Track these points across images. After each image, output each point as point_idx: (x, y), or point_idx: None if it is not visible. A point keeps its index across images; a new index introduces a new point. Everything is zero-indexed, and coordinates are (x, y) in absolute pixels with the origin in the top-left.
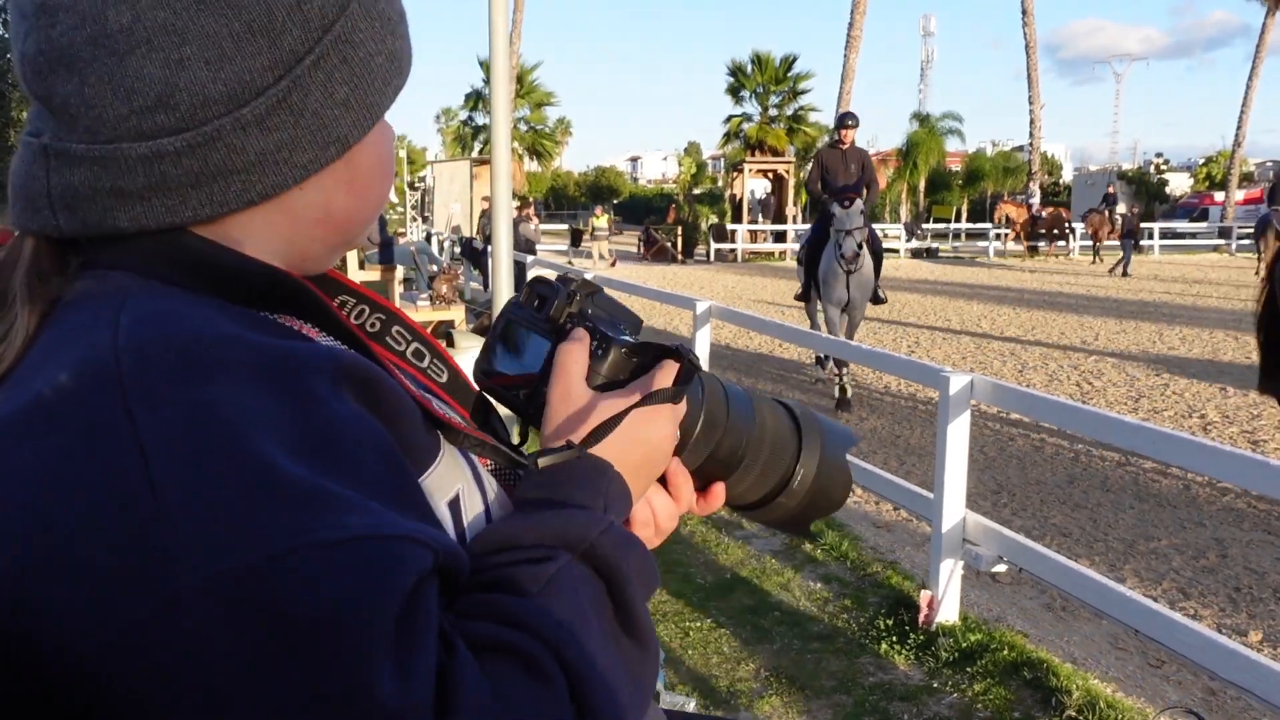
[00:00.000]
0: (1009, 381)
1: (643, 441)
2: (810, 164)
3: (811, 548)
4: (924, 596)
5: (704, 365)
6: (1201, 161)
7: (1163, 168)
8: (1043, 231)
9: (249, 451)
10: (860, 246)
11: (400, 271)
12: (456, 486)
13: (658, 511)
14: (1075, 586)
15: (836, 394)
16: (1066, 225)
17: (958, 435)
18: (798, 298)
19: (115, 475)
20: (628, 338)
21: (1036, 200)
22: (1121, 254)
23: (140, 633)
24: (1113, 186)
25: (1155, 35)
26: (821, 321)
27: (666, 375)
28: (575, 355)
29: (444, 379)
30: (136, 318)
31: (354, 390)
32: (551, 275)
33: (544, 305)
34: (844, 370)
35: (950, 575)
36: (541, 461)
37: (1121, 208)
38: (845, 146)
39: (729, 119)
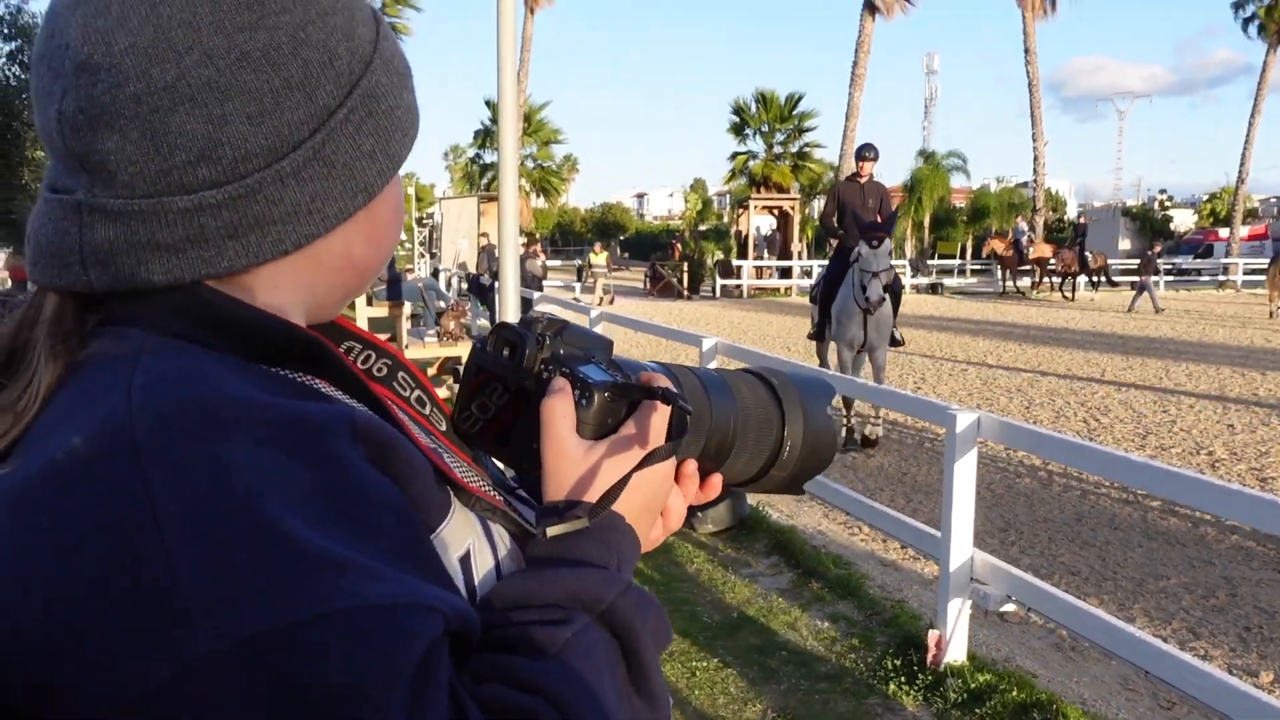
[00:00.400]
0: (1016, 419)
1: (645, 484)
2: (826, 197)
3: (818, 586)
4: (932, 636)
5: None
6: (1205, 198)
7: (1167, 204)
8: (1027, 269)
9: (265, 517)
10: (885, 291)
11: (408, 307)
12: (467, 542)
13: (668, 512)
14: (1084, 626)
15: (842, 435)
16: (1050, 261)
17: (965, 473)
18: (811, 336)
19: (129, 542)
20: (607, 377)
21: (1025, 236)
22: (1137, 292)
23: (156, 699)
24: (1084, 218)
25: (1159, 73)
26: (833, 362)
27: (657, 418)
28: (561, 409)
29: (444, 427)
30: (152, 379)
31: (369, 451)
32: (514, 320)
33: (515, 353)
34: (851, 411)
35: (958, 615)
36: (550, 531)
37: (1125, 244)
38: (864, 179)
39: (734, 156)
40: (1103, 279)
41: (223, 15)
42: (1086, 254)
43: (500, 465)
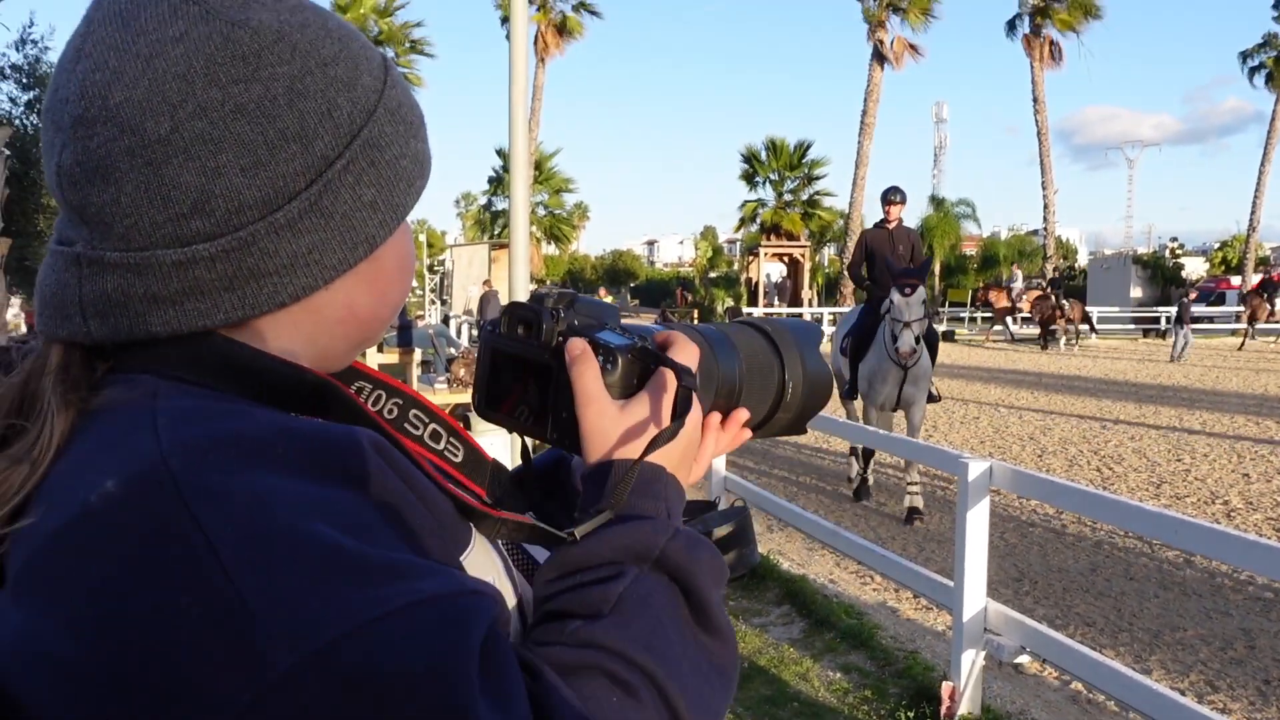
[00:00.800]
0: (1028, 467)
1: (683, 436)
2: (854, 246)
3: (830, 636)
4: (945, 688)
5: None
6: (1217, 246)
7: (1178, 252)
8: (1024, 317)
9: (313, 533)
10: (918, 341)
11: (418, 354)
12: (489, 578)
13: (700, 460)
14: (1100, 678)
15: (855, 479)
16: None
17: (977, 522)
18: (846, 396)
19: (192, 573)
20: (626, 341)
21: (1019, 285)
22: (1174, 340)
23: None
24: (1058, 270)
25: (1169, 122)
26: (864, 423)
27: (669, 385)
28: (591, 374)
29: (459, 458)
30: (174, 418)
31: (389, 465)
32: (524, 298)
33: (532, 330)
34: (870, 463)
35: (972, 666)
36: (579, 531)
37: (1137, 292)
38: (892, 225)
39: (744, 204)
40: (1083, 329)
41: (217, 68)
42: (1064, 303)
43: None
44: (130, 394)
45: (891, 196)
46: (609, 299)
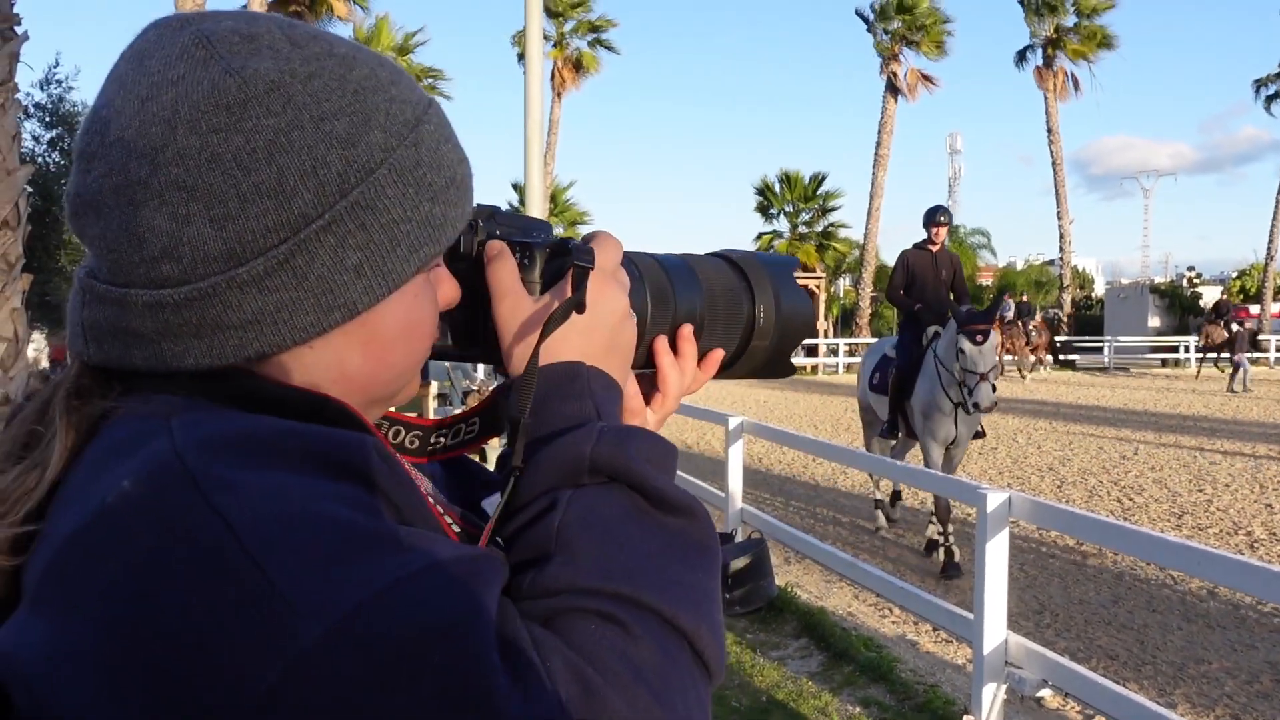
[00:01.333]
0: (1048, 498)
1: (599, 324)
2: (895, 268)
3: (849, 670)
4: None
5: (739, 481)
6: (1234, 275)
7: (1195, 281)
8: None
9: (326, 512)
10: (994, 391)
11: (434, 387)
12: None
13: (666, 389)
14: (1124, 712)
15: (941, 557)
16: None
17: (997, 554)
18: (884, 434)
19: (215, 558)
20: (541, 239)
21: (1010, 315)
22: (1233, 370)
23: (281, 695)
24: (1025, 295)
25: (1185, 151)
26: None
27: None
28: (507, 269)
29: (478, 428)
30: (189, 422)
31: (394, 474)
32: None
33: (452, 247)
34: (948, 528)
35: (993, 700)
36: (518, 460)
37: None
38: (936, 248)
39: (759, 236)
40: (1048, 359)
41: (199, 115)
42: (1030, 333)
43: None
44: (144, 406)
45: (939, 217)
46: None
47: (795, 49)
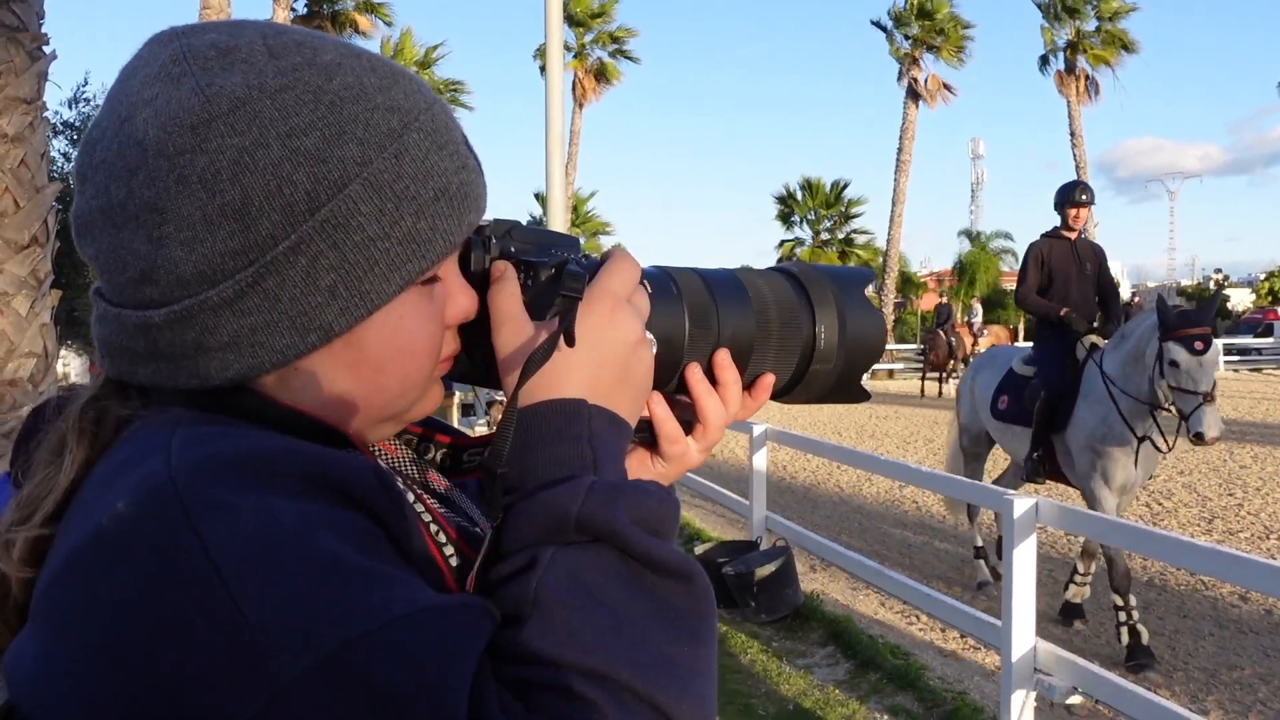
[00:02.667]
0: (1075, 504)
1: (608, 355)
2: (1023, 263)
3: (876, 677)
4: None
5: (763, 489)
6: (1263, 277)
7: (1223, 283)
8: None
9: (316, 547)
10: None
11: (459, 397)
12: None
13: (707, 422)
14: (1156, 719)
15: (1125, 639)
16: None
17: (1024, 560)
18: (1028, 477)
19: (194, 590)
20: (551, 258)
21: (979, 320)
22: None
23: None
24: (945, 296)
25: (1214, 152)
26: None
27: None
28: (508, 291)
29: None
30: (187, 441)
31: (390, 498)
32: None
33: (464, 264)
34: (1130, 601)
35: (1022, 707)
36: (496, 513)
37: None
38: (1074, 235)
39: (781, 244)
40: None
41: (166, 137)
42: (951, 340)
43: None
44: (155, 422)
45: (1078, 195)
46: None
47: (815, 57)
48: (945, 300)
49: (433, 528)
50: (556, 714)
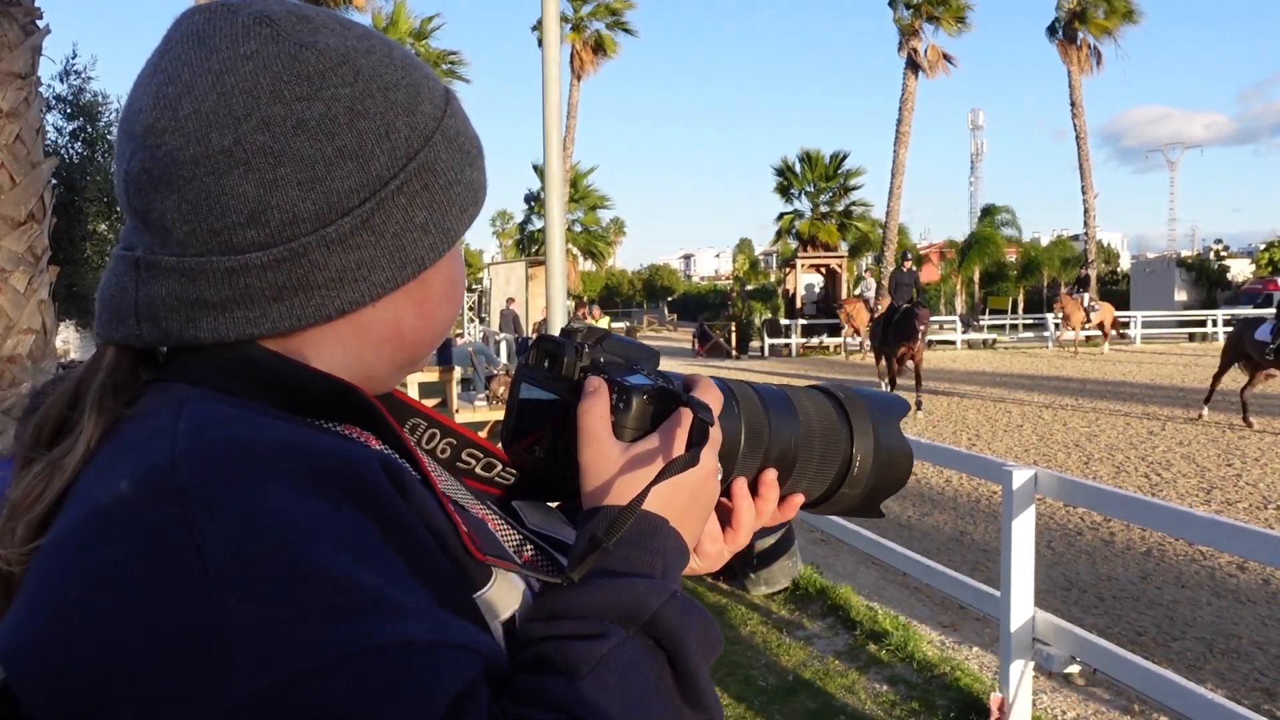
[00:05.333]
0: (1074, 475)
1: (684, 486)
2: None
3: (876, 648)
4: (994, 699)
5: None
6: (1263, 247)
7: (1223, 254)
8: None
9: (306, 558)
10: None
11: (458, 372)
12: (512, 609)
13: (738, 525)
14: (1154, 688)
15: None
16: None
17: (1023, 531)
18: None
19: (175, 587)
20: (646, 381)
21: (872, 294)
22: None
23: None
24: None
25: (1221, 121)
26: None
27: (684, 423)
28: (597, 412)
29: (512, 482)
30: (194, 425)
31: (401, 494)
32: (556, 332)
33: (555, 364)
34: None
35: (1021, 676)
36: (575, 574)
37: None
38: None
39: (780, 216)
40: (1110, 334)
41: (282, 85)
42: (1089, 308)
43: (544, 522)
44: (163, 399)
45: None
46: (604, 318)
47: (815, 28)
48: (1087, 273)
49: (442, 483)
50: None
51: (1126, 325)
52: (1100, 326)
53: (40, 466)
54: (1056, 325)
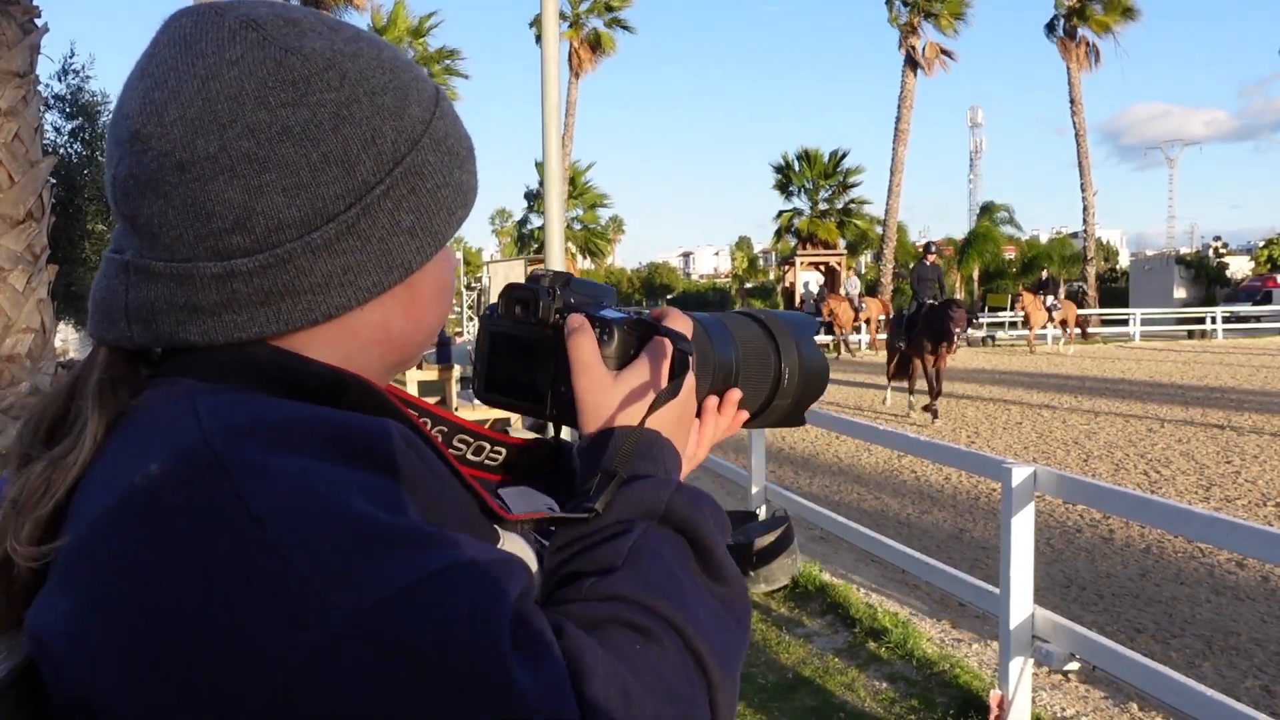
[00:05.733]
0: (1073, 472)
1: (674, 405)
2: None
3: (875, 646)
4: (994, 696)
5: (762, 460)
6: (1262, 244)
7: (1222, 251)
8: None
9: (351, 508)
10: None
11: (457, 370)
12: (532, 566)
13: (701, 441)
14: (1153, 685)
15: None
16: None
17: (1022, 528)
18: None
19: (240, 547)
20: (622, 314)
21: (855, 292)
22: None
23: (296, 684)
24: (1046, 270)
25: (1222, 118)
26: None
27: (665, 351)
28: (588, 345)
29: (500, 460)
30: (214, 407)
31: (419, 458)
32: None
33: (530, 308)
34: None
35: (1020, 674)
36: (598, 504)
37: (1180, 293)
38: None
39: (779, 214)
40: (1074, 334)
41: (267, 91)
42: (1051, 307)
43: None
44: (169, 393)
45: None
46: None
47: (814, 25)
48: (1047, 275)
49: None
50: (631, 646)
51: (1088, 323)
52: (1063, 325)
53: (42, 464)
54: (1014, 325)
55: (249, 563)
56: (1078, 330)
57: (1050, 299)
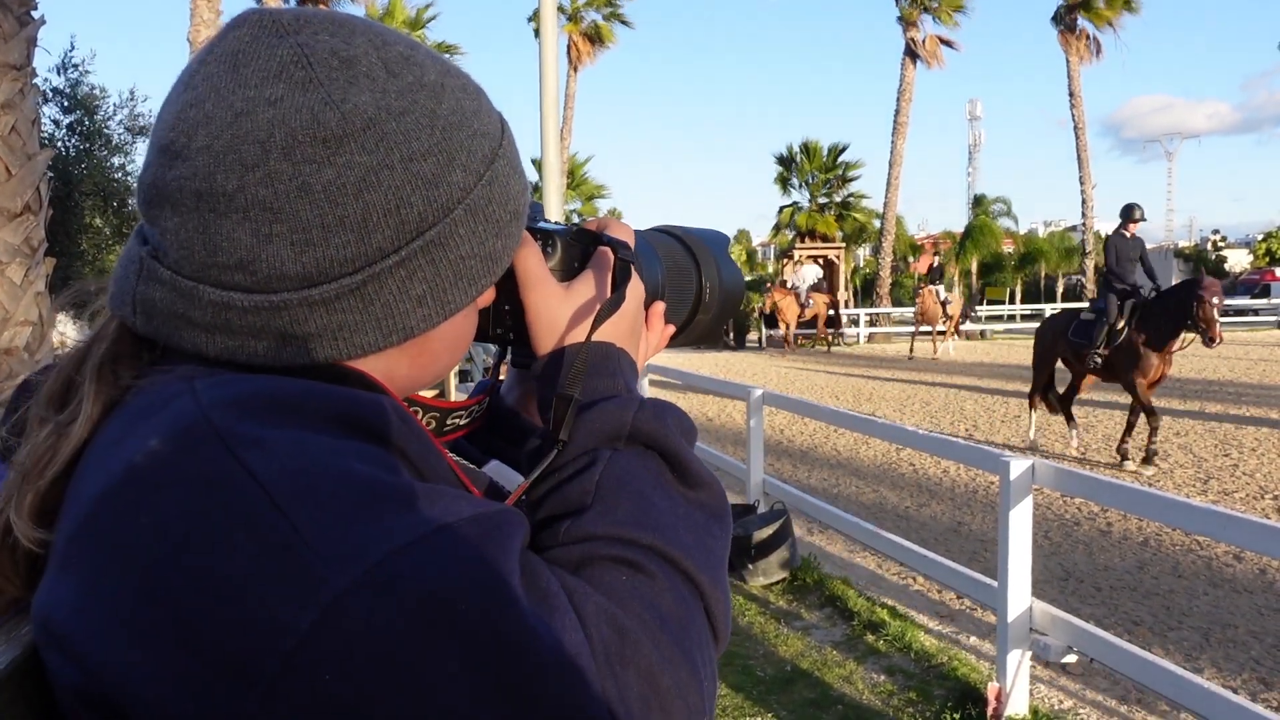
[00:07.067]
0: (1071, 465)
1: (626, 310)
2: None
3: (873, 639)
4: (992, 689)
5: (760, 453)
6: (1261, 238)
7: (1220, 244)
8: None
9: (350, 469)
10: None
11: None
12: None
13: (636, 355)
14: (1150, 678)
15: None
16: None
17: (1020, 521)
18: None
19: (246, 513)
20: (560, 226)
21: (805, 287)
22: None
23: (313, 642)
24: (939, 257)
25: (1224, 111)
26: None
27: (610, 261)
28: (534, 258)
29: (463, 422)
30: (213, 383)
31: (409, 430)
32: None
33: None
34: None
35: (1018, 666)
36: (563, 434)
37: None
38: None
39: (780, 210)
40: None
41: (295, 145)
42: (945, 301)
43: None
44: (169, 376)
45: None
46: None
47: (814, 17)
48: (939, 263)
49: (453, 460)
50: (617, 581)
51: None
52: (954, 320)
53: (49, 429)
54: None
55: (255, 528)
56: (962, 323)
57: (942, 291)
